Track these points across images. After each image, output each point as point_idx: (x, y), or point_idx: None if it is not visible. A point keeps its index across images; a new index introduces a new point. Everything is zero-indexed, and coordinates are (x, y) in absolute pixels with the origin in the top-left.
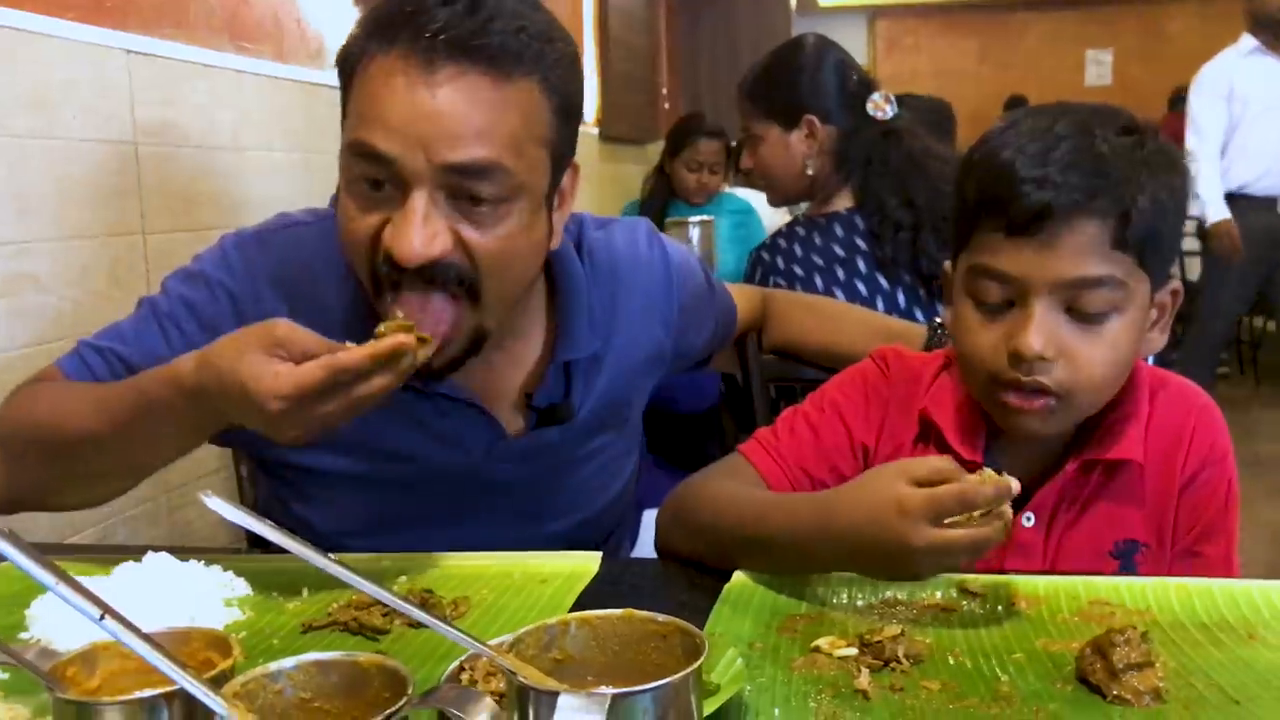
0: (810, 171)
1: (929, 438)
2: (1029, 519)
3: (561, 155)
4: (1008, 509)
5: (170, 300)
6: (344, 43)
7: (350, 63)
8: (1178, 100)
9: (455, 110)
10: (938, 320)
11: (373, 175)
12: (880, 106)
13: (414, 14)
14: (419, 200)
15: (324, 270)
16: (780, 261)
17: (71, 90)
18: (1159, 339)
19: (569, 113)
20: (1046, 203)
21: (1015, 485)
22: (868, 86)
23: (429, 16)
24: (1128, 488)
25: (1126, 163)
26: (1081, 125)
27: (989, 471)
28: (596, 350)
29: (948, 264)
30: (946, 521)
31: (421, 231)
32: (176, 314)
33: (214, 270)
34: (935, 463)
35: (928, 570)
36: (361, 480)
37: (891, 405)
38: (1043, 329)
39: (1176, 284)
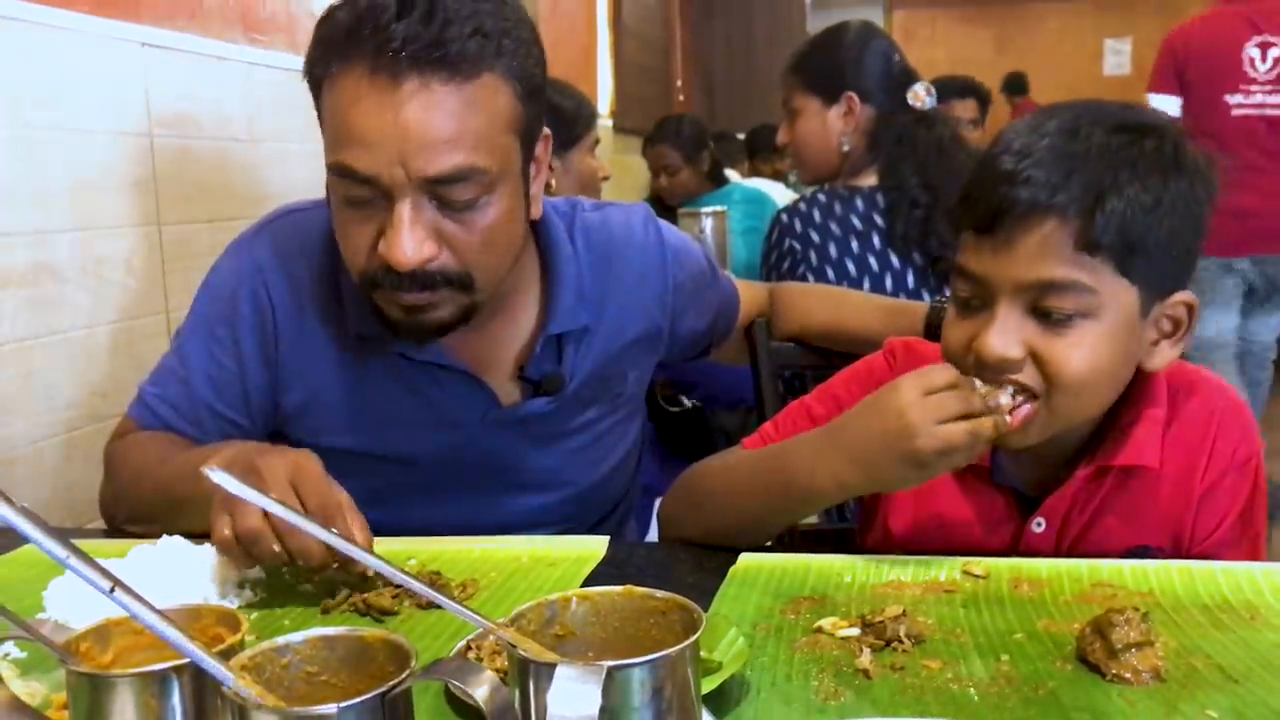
0: (845, 149)
1: None
2: (1039, 525)
3: (531, 133)
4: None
5: (203, 321)
6: (306, 57)
7: (315, 78)
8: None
9: (426, 123)
10: (939, 298)
11: (357, 193)
12: (920, 98)
13: (373, 32)
14: (404, 210)
15: (323, 256)
16: (798, 225)
17: (87, 82)
18: (1170, 352)
19: (533, 91)
20: (1004, 200)
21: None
22: (909, 75)
23: (387, 34)
24: (1143, 493)
25: (1102, 161)
26: (1072, 122)
27: (979, 383)
28: (587, 323)
29: None
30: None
31: (410, 238)
32: (217, 333)
33: (227, 265)
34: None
35: (925, 438)
36: (364, 455)
37: None
38: (1004, 330)
39: (1187, 295)
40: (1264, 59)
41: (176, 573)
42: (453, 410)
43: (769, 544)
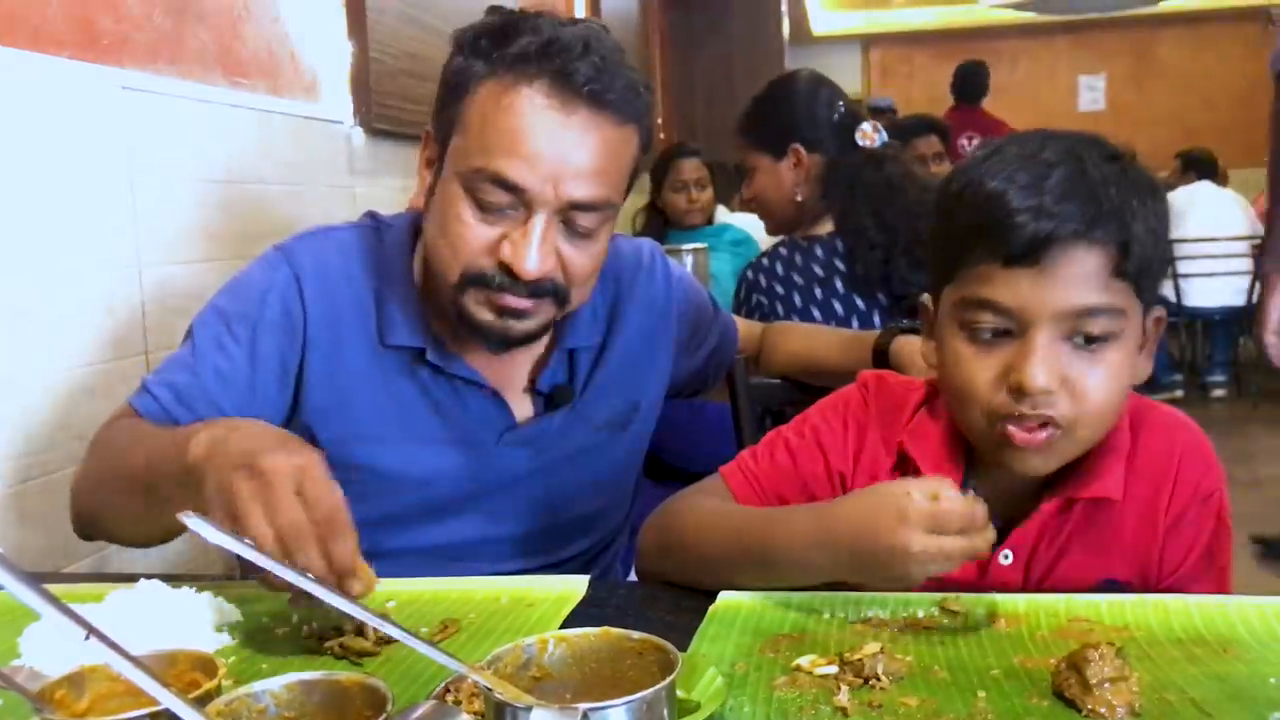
0: (799, 198)
1: (906, 469)
2: (1007, 557)
3: (632, 184)
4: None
5: (223, 316)
6: (458, 59)
7: (471, 81)
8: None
9: (587, 153)
10: (892, 324)
11: (496, 199)
12: (869, 136)
13: (562, 62)
14: (540, 223)
15: (359, 271)
16: (763, 279)
17: (67, 125)
18: (1145, 365)
19: (647, 148)
20: (1047, 232)
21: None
22: (855, 116)
23: (573, 67)
24: (1109, 526)
25: (1119, 190)
26: (1070, 151)
27: (972, 496)
28: (599, 341)
29: (926, 297)
30: None
31: (539, 251)
32: (234, 330)
33: (261, 269)
34: (932, 483)
35: (919, 575)
36: (382, 476)
37: (870, 433)
38: (1046, 361)
39: (1160, 310)
40: (969, 146)
41: (154, 617)
42: (473, 428)
43: None
